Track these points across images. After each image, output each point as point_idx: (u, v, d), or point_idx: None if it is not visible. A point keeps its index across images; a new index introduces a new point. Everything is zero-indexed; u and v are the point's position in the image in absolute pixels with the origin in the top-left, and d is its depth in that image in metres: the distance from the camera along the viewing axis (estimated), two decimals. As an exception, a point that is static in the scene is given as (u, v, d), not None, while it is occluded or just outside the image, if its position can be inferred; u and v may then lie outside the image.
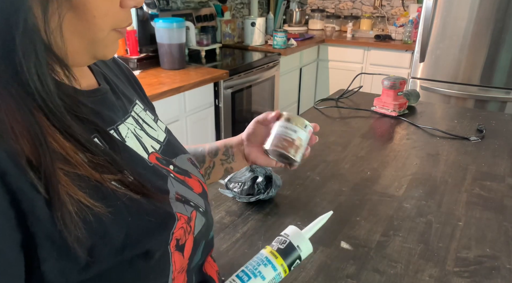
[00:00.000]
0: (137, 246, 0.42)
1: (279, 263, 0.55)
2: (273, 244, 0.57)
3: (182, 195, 0.52)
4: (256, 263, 0.55)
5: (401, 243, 0.85)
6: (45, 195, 0.36)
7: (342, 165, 1.20)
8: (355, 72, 1.97)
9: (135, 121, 0.55)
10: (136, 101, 0.60)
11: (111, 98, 0.52)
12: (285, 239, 0.56)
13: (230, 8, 3.26)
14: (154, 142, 0.56)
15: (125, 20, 0.45)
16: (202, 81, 2.19)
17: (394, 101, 1.58)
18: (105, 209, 0.40)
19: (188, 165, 0.60)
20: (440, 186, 1.09)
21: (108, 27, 0.44)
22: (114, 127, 0.50)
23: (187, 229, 0.51)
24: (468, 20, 2.65)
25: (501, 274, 0.77)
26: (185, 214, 0.50)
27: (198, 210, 0.54)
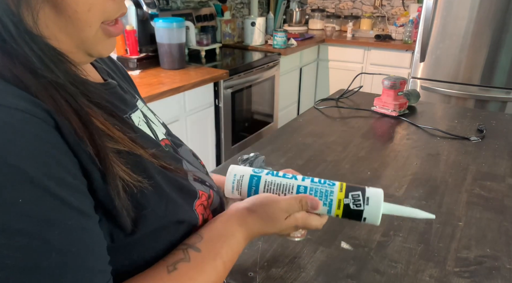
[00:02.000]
0: (174, 216, 0.46)
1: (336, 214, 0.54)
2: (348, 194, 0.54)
3: (198, 176, 0.55)
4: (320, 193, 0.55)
5: (401, 243, 0.85)
6: (100, 166, 0.38)
7: (342, 165, 1.19)
8: (355, 72, 1.96)
9: (142, 114, 0.56)
10: (136, 96, 0.61)
11: (120, 91, 0.53)
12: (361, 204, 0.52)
13: (230, 8, 3.26)
14: (163, 129, 0.60)
15: (115, 10, 0.42)
16: (202, 81, 2.19)
17: (394, 101, 1.58)
18: (147, 183, 0.43)
19: (190, 157, 0.62)
20: (440, 186, 1.09)
21: (95, 21, 0.41)
22: (127, 115, 0.51)
23: (206, 205, 0.54)
24: (468, 20, 2.65)
25: (502, 274, 0.77)
26: (206, 192, 0.54)
27: (213, 189, 0.58)
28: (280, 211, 0.53)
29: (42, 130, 0.34)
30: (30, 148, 0.32)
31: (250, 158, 1.03)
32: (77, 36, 0.41)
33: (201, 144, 2.38)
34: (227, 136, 2.55)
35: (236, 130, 2.62)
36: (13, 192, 0.31)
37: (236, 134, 2.63)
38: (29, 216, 0.31)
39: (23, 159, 0.32)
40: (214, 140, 2.48)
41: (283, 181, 0.56)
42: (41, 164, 0.33)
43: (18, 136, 0.32)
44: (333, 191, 0.54)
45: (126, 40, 2.27)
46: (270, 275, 0.76)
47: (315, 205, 0.56)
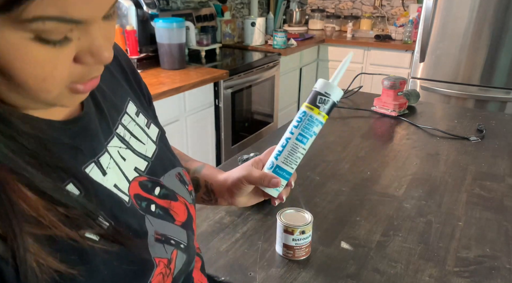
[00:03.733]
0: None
1: (325, 119, 0.61)
2: (317, 105, 0.60)
3: (162, 234, 0.49)
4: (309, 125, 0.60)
5: (401, 243, 0.85)
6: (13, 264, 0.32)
7: (342, 165, 1.20)
8: (355, 72, 1.97)
9: (120, 139, 0.49)
10: (126, 107, 0.53)
11: (93, 122, 0.46)
12: (328, 99, 0.60)
13: (230, 8, 3.26)
14: (140, 160, 0.52)
15: (85, 74, 0.36)
16: (202, 81, 2.19)
17: (394, 101, 1.58)
18: (80, 271, 0.37)
19: (175, 183, 0.55)
20: (440, 186, 1.09)
21: (55, 87, 0.35)
22: (95, 159, 0.44)
23: (166, 272, 0.48)
24: (468, 20, 2.65)
25: (501, 274, 0.77)
26: (165, 257, 0.47)
27: (179, 247, 0.51)
28: None
29: None
30: None
31: (250, 158, 1.03)
32: (33, 98, 0.35)
33: (201, 144, 2.38)
34: (227, 136, 2.55)
35: (236, 130, 2.62)
36: None
37: (236, 134, 2.63)
38: None
39: None
40: (214, 140, 2.49)
41: (288, 148, 0.61)
42: None
43: None
44: (311, 115, 0.60)
45: (126, 40, 2.27)
46: (270, 275, 0.76)
47: (275, 183, 0.60)
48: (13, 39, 0.30)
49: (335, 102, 0.60)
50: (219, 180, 0.66)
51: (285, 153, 0.60)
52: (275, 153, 0.61)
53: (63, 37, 0.32)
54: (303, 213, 0.81)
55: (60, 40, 0.32)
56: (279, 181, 0.60)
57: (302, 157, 0.61)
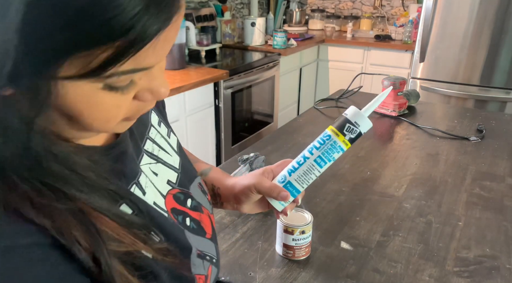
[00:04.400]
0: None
1: (347, 148, 0.61)
2: (344, 133, 0.61)
3: (201, 250, 0.50)
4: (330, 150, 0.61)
5: (401, 243, 0.85)
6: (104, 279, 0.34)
7: (342, 165, 1.20)
8: (355, 72, 1.96)
9: (149, 156, 0.50)
10: (150, 119, 0.54)
11: (130, 145, 0.47)
12: (356, 129, 0.60)
13: (230, 8, 3.26)
14: (171, 172, 0.52)
15: (142, 108, 0.38)
16: (202, 81, 2.19)
17: (394, 101, 1.58)
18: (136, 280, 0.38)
19: (199, 194, 0.56)
20: (440, 186, 1.09)
21: (115, 122, 0.36)
22: (135, 180, 0.46)
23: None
24: (468, 20, 2.65)
25: (501, 274, 0.77)
26: (203, 274, 0.49)
27: (212, 262, 0.52)
28: None
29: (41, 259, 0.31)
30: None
31: (250, 158, 1.03)
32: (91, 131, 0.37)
33: (201, 144, 2.38)
34: (227, 136, 2.55)
35: (236, 130, 2.62)
36: None
37: (236, 134, 2.63)
38: None
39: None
40: (214, 140, 2.49)
41: (304, 167, 0.61)
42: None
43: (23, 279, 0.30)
44: (335, 141, 0.60)
45: (126, 40, 2.27)
46: (270, 275, 0.76)
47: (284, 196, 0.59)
48: (85, 89, 0.31)
49: (362, 133, 0.60)
50: (227, 185, 0.65)
51: (299, 171, 0.60)
52: (289, 168, 0.61)
53: (129, 81, 0.34)
54: (303, 213, 0.81)
55: (126, 85, 0.34)
56: (288, 195, 0.59)
57: (315, 179, 0.61)
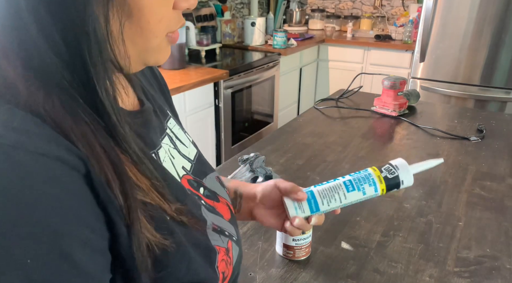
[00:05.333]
0: (194, 277, 0.43)
1: (381, 188, 0.60)
2: (382, 170, 0.61)
3: (217, 225, 0.51)
4: (362, 179, 0.61)
5: (401, 243, 0.85)
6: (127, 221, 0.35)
7: (342, 165, 1.19)
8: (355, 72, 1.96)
9: (169, 139, 0.52)
10: (169, 113, 0.57)
11: (153, 118, 0.50)
12: (394, 171, 0.60)
13: (230, 8, 3.26)
14: (185, 161, 0.54)
15: (177, 22, 0.42)
16: (202, 81, 2.19)
17: (394, 101, 1.58)
18: (169, 241, 0.39)
19: (216, 186, 0.58)
20: (440, 186, 1.09)
21: (162, 32, 0.41)
22: (155, 151, 0.47)
23: (228, 260, 0.50)
24: (468, 20, 2.65)
25: (501, 274, 0.77)
26: (223, 246, 0.49)
27: (232, 239, 0.53)
28: None
29: (70, 181, 0.32)
30: (53, 203, 0.30)
31: (250, 158, 1.03)
32: (142, 46, 0.40)
33: (201, 144, 2.38)
34: (227, 136, 2.55)
35: (236, 130, 2.62)
36: (24, 250, 0.29)
37: (236, 134, 2.63)
38: (32, 280, 0.29)
39: (43, 215, 0.29)
40: (214, 140, 2.48)
41: (331, 184, 0.61)
42: (61, 220, 0.31)
43: (40, 188, 0.30)
44: (370, 173, 0.61)
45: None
46: (270, 275, 0.76)
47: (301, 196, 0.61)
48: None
49: (400, 181, 0.60)
50: (249, 186, 0.69)
51: (325, 186, 0.61)
52: (317, 184, 0.62)
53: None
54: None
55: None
56: (305, 197, 0.60)
57: (336, 205, 0.60)
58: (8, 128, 0.30)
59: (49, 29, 0.33)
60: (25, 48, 0.33)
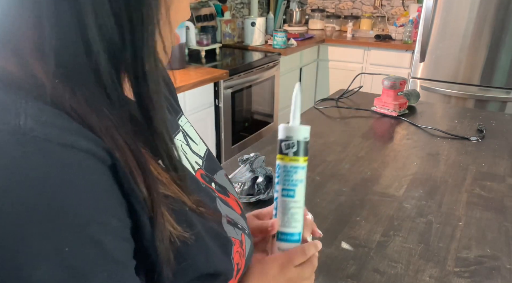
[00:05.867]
0: (212, 268, 0.44)
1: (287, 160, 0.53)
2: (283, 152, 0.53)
3: (231, 218, 0.52)
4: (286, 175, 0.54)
5: (401, 243, 0.85)
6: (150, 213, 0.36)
7: (342, 165, 1.19)
8: (355, 72, 1.97)
9: (183, 135, 0.53)
10: (180, 110, 0.57)
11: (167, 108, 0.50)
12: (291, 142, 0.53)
13: (230, 8, 3.26)
14: (197, 158, 0.55)
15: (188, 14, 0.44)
16: (202, 81, 2.19)
17: (394, 101, 1.58)
18: (189, 234, 0.40)
19: (226, 182, 0.58)
20: (440, 186, 1.09)
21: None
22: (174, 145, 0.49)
23: (241, 252, 0.51)
24: (468, 20, 2.65)
25: (501, 274, 0.77)
26: (237, 238, 0.50)
27: (245, 232, 0.53)
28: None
29: (97, 171, 0.33)
30: (84, 193, 0.31)
31: (250, 158, 1.03)
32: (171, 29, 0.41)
33: (201, 144, 2.38)
34: (227, 136, 2.55)
35: (236, 130, 2.61)
36: (62, 238, 0.30)
37: (236, 134, 2.63)
38: (70, 267, 0.30)
39: (77, 204, 0.31)
40: (214, 140, 2.48)
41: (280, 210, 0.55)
42: (93, 209, 0.32)
43: (73, 179, 0.31)
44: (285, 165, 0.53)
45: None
46: (270, 275, 0.76)
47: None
48: None
49: (302, 140, 0.53)
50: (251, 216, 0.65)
51: (279, 215, 0.54)
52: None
53: None
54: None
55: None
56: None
57: (300, 211, 0.55)
58: (39, 122, 0.31)
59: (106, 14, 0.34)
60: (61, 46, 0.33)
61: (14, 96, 0.32)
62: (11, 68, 0.34)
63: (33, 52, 0.34)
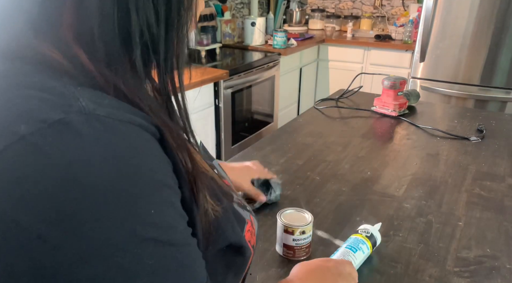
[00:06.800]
0: (237, 238, 0.48)
1: (369, 245, 0.79)
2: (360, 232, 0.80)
3: (239, 200, 0.55)
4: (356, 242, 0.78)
5: (401, 243, 0.85)
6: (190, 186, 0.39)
7: (342, 165, 1.19)
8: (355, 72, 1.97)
9: None
10: None
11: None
12: (368, 231, 0.80)
13: (230, 8, 3.26)
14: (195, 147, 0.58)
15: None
16: (202, 81, 2.19)
17: (394, 101, 1.58)
18: (220, 208, 0.44)
19: (221, 170, 0.61)
20: (440, 186, 1.09)
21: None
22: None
23: (252, 231, 0.54)
24: (468, 20, 2.65)
25: (501, 274, 0.77)
26: (247, 218, 0.54)
27: (252, 213, 0.57)
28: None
29: (154, 145, 0.35)
30: (150, 160, 0.34)
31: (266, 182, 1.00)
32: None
33: (201, 144, 2.38)
34: (227, 136, 2.55)
35: (236, 130, 2.62)
36: (146, 202, 0.32)
37: (236, 134, 2.63)
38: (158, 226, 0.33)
39: (149, 170, 0.33)
40: (214, 140, 2.49)
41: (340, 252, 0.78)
42: (162, 175, 0.35)
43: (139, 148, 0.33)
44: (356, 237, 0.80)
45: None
46: (270, 275, 0.76)
47: None
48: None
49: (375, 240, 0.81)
50: None
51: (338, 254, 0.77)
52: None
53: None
54: (303, 213, 0.81)
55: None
56: None
57: None
58: (96, 103, 0.33)
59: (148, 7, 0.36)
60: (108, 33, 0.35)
61: (61, 81, 0.34)
62: (55, 56, 0.35)
63: (75, 40, 0.36)
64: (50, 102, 0.32)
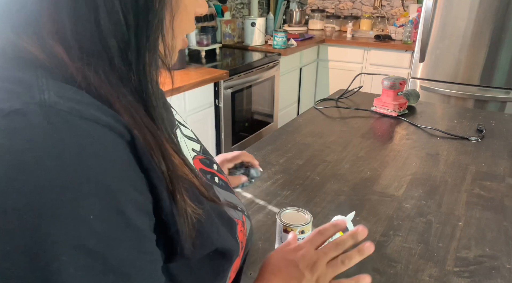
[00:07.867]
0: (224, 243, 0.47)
1: None
2: None
3: (229, 201, 0.54)
4: None
5: (401, 243, 0.85)
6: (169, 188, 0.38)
7: (342, 165, 1.20)
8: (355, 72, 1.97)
9: (180, 130, 0.56)
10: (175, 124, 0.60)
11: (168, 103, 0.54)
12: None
13: (230, 8, 3.26)
14: (194, 143, 0.58)
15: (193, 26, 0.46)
16: (202, 81, 2.19)
17: (394, 101, 1.58)
18: (201, 212, 0.42)
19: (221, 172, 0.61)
20: (440, 186, 1.09)
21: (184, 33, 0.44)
22: (173, 131, 0.51)
23: (243, 232, 0.54)
24: (468, 20, 2.65)
25: (501, 274, 0.77)
26: (239, 219, 0.53)
27: (244, 213, 0.56)
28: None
29: (117, 145, 0.34)
30: (107, 164, 0.33)
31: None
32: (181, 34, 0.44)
33: (201, 144, 2.38)
34: (227, 136, 2.55)
35: (236, 130, 2.62)
36: (88, 206, 0.31)
37: (236, 134, 2.63)
38: (96, 233, 0.31)
39: (100, 174, 0.32)
40: (214, 140, 2.49)
41: None
42: (116, 180, 0.33)
43: (94, 150, 0.32)
44: None
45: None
46: (270, 275, 0.76)
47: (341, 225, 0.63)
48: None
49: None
50: None
51: None
52: None
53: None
54: (303, 213, 0.81)
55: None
56: None
57: None
58: (62, 98, 0.32)
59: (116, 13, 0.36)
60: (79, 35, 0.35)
61: (35, 74, 0.34)
62: (32, 49, 0.35)
63: (54, 35, 0.36)
64: (13, 93, 0.32)
